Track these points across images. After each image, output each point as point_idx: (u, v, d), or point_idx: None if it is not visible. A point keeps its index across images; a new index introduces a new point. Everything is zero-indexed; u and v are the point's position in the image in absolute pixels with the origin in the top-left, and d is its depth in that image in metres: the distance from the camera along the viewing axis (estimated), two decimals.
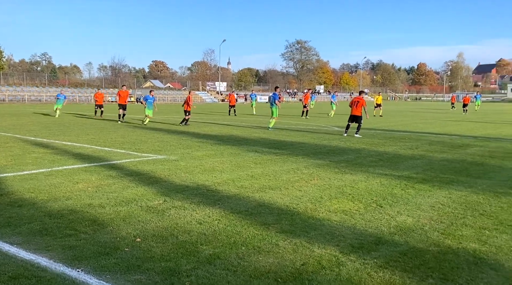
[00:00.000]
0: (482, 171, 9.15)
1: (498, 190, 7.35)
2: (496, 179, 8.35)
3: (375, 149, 12.76)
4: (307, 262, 4.15)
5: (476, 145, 13.74)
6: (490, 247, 4.61)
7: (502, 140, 15.29)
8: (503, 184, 7.84)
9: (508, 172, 9.11)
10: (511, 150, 12.65)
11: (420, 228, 5.27)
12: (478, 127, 21.24)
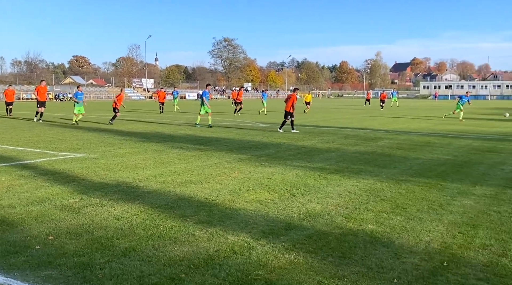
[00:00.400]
0: (388, 161, 10.00)
1: (400, 177, 8.12)
2: (400, 168, 9.19)
3: (295, 143, 13.36)
4: (220, 249, 4.39)
5: (387, 138, 14.89)
6: (385, 228, 5.16)
7: (410, 133, 16.69)
8: (404, 172, 8.65)
9: (411, 161, 10.04)
10: (417, 142, 13.88)
11: (327, 213, 5.73)
12: (391, 122, 22.90)
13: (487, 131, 17.52)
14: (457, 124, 21.35)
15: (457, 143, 13.59)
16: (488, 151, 11.79)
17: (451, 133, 16.59)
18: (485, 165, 9.57)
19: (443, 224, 5.29)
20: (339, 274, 3.82)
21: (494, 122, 23.59)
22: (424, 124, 21.57)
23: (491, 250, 4.44)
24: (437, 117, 27.23)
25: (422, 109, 41.05)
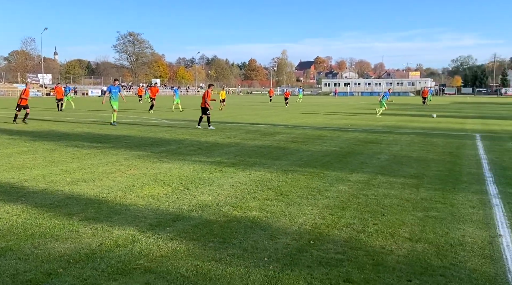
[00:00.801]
0: (282, 154, 10.65)
1: (289, 168, 8.74)
2: (290, 159, 9.85)
3: (197, 139, 13.56)
4: (104, 243, 4.46)
5: (285, 132, 15.72)
6: (267, 213, 5.60)
7: (306, 128, 17.76)
8: (294, 164, 9.31)
9: (301, 153, 10.79)
10: (311, 135, 14.86)
11: (216, 204, 6.04)
12: (291, 118, 24.07)
13: (374, 125, 19.25)
14: (349, 119, 23.12)
15: (346, 136, 14.82)
16: (370, 142, 13.05)
17: (341, 127, 17.97)
18: (365, 155, 10.62)
19: (317, 208, 5.88)
20: (216, 257, 4.13)
21: (382, 116, 25.88)
22: (320, 119, 23.04)
23: (352, 228, 5.07)
24: (333, 113, 29.16)
25: (322, 105, 43.57)
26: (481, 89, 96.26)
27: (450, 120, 22.30)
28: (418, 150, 11.38)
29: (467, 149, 11.73)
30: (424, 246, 4.53)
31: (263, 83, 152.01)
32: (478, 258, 4.22)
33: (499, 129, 17.37)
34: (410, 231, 4.98)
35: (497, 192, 6.84)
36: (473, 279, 3.76)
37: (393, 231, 4.96)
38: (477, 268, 3.98)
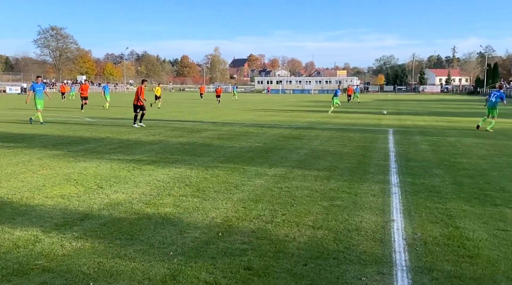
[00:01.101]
0: (205, 150, 10.72)
1: (210, 164, 8.84)
2: (213, 156, 9.96)
3: (119, 137, 13.23)
4: (2, 245, 4.28)
5: (212, 129, 15.80)
6: (180, 209, 5.66)
7: (234, 124, 17.97)
8: (216, 160, 9.43)
9: (225, 149, 10.94)
10: (237, 132, 15.07)
11: (129, 202, 5.99)
12: (221, 115, 24.19)
13: (300, 121, 19.92)
14: (278, 116, 23.70)
15: (271, 132, 15.22)
16: (293, 138, 13.53)
17: (269, 124, 18.40)
18: (286, 150, 11.00)
19: (232, 202, 6.05)
20: (121, 254, 4.14)
21: (309, 113, 26.83)
22: (250, 116, 23.38)
23: (262, 219, 5.29)
24: (264, 110, 29.70)
25: (254, 102, 44.17)
26: (401, 87, 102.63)
27: (369, 117, 23.62)
28: (335, 144, 12.00)
29: (379, 142, 12.55)
30: (324, 232, 4.85)
31: (196, 80, 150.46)
32: (370, 241, 4.60)
33: (411, 124, 18.74)
34: (314, 219, 5.30)
35: (397, 181, 7.44)
36: (362, 260, 4.11)
37: (298, 220, 5.25)
38: (367, 250, 4.34)
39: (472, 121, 20.45)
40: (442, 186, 7.11)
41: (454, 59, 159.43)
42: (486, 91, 78.98)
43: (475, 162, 9.40)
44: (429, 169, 8.52)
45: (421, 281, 3.69)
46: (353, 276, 3.76)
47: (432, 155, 10.35)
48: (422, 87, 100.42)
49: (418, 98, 62.05)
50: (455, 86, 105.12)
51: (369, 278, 3.74)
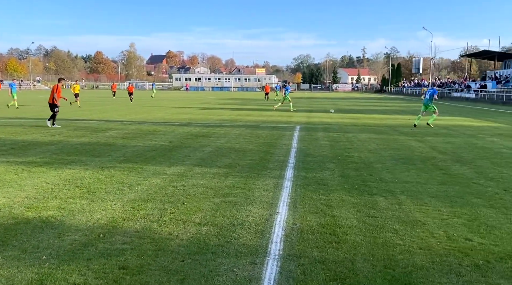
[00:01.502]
0: (106, 150, 10.38)
1: (107, 165, 8.60)
2: (113, 156, 9.69)
3: (13, 138, 12.35)
4: None
5: (118, 128, 15.31)
6: (64, 212, 5.47)
7: (143, 123, 17.57)
8: (115, 160, 9.19)
9: (127, 149, 10.69)
10: (145, 130, 14.77)
11: (9, 206, 5.65)
12: (131, 113, 23.49)
13: (212, 119, 20.00)
14: (192, 114, 23.57)
15: (180, 130, 15.13)
16: (202, 136, 13.58)
17: (180, 122, 18.26)
18: (191, 148, 11.03)
19: (122, 202, 5.96)
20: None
21: (223, 111, 27.02)
22: (162, 114, 23.00)
23: (149, 219, 5.29)
24: (179, 107, 29.35)
25: (171, 100, 43.45)
26: (317, 85, 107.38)
27: (281, 114, 24.41)
28: (242, 142, 12.27)
29: (284, 139, 13.06)
30: (209, 228, 4.98)
31: (111, 77, 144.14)
32: (251, 234, 4.82)
33: (318, 121, 19.70)
34: (202, 216, 5.41)
35: (292, 176, 7.83)
36: (239, 252, 4.30)
37: (186, 218, 5.33)
38: (246, 243, 4.55)
39: (372, 118, 22.03)
40: (330, 179, 7.62)
41: (364, 59, 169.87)
42: (391, 89, 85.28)
43: (365, 155, 10.18)
44: (323, 163, 9.07)
45: (288, 268, 3.96)
46: (227, 268, 3.93)
47: (329, 150, 11.01)
48: (335, 86, 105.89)
49: (330, 96, 65.23)
50: (365, 85, 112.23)
51: (241, 269, 3.93)
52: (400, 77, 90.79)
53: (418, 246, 4.56)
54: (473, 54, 56.73)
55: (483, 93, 43.43)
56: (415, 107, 34.22)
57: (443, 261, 4.19)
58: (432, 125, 16.59)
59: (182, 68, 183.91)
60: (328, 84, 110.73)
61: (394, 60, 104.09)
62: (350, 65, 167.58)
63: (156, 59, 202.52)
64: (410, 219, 5.44)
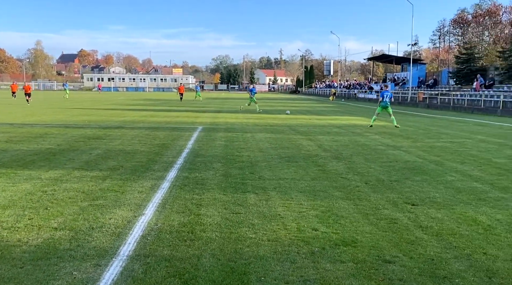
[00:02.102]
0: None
1: None
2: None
3: None
4: None
5: (4, 132, 14.26)
6: None
7: (36, 126, 16.55)
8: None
9: (6, 153, 10.01)
10: (35, 133, 13.91)
11: None
12: (26, 115, 22.00)
13: (114, 120, 19.38)
14: (93, 115, 22.64)
15: (74, 132, 14.49)
16: (95, 138, 13.13)
17: (76, 124, 17.47)
18: (79, 151, 10.63)
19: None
20: None
21: (129, 112, 26.29)
22: (61, 116, 21.81)
23: (1, 226, 5.06)
24: (83, 108, 28.01)
25: (77, 101, 41.31)
26: (234, 86, 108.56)
27: (189, 115, 24.36)
28: (136, 144, 12.07)
29: (181, 140, 13.07)
30: (65, 233, 4.89)
31: (16, 76, 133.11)
32: (107, 237, 4.81)
33: (223, 122, 19.97)
34: (62, 221, 5.28)
35: (173, 177, 7.89)
36: (86, 255, 4.28)
37: (43, 223, 5.17)
38: (98, 246, 4.54)
39: (276, 118, 22.83)
40: (211, 178, 7.80)
41: (282, 61, 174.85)
42: (305, 90, 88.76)
43: (254, 154, 10.55)
44: (210, 163, 9.25)
45: (132, 268, 4.03)
46: (67, 272, 3.90)
47: (222, 150, 11.24)
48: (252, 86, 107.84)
49: (246, 97, 66.27)
50: (281, 85, 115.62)
51: (82, 271, 3.92)
52: (313, 78, 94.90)
53: (268, 238, 4.87)
54: (375, 58, 61.16)
55: None
56: (320, 108, 36.05)
57: (284, 250, 4.53)
58: (399, 125, 17.49)
59: (96, 68, 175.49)
60: (246, 85, 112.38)
61: (308, 62, 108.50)
62: (268, 67, 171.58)
63: (67, 58, 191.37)
64: (271, 214, 5.78)
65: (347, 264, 4.23)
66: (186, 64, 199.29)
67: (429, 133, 15.89)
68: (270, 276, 3.94)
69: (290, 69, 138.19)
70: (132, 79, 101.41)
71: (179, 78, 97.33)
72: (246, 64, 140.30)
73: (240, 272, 4.00)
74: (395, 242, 4.84)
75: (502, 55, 39.08)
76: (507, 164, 9.61)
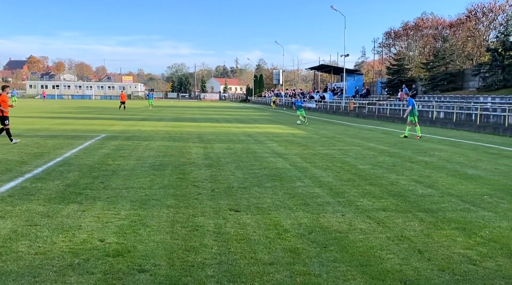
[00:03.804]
0: None
1: None
2: None
3: None
4: None
5: None
6: None
7: None
8: None
9: None
10: None
11: None
12: None
13: (15, 128, 18.49)
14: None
15: None
16: None
17: None
18: None
19: None
20: None
21: (42, 120, 25.26)
22: None
23: None
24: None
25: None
26: (185, 94, 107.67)
27: (106, 123, 23.65)
28: (11, 152, 11.43)
29: (65, 148, 12.44)
30: None
31: None
32: None
33: (134, 130, 19.48)
34: None
35: (11, 187, 7.43)
36: None
37: None
38: None
39: (198, 126, 22.64)
40: (47, 189, 7.36)
41: (237, 70, 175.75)
42: (254, 99, 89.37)
43: (126, 163, 10.19)
44: (67, 172, 8.81)
45: None
46: None
47: (98, 158, 10.78)
48: (203, 95, 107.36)
49: (190, 105, 65.82)
50: (232, 94, 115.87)
51: None
52: (263, 87, 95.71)
53: (58, 249, 4.58)
54: (315, 68, 62.33)
55: (322, 104, 47.93)
56: (254, 116, 36.17)
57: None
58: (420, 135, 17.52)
59: (46, 75, 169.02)
60: (198, 93, 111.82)
61: (263, 72, 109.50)
62: (224, 75, 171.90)
63: (15, 64, 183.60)
64: (75, 224, 5.48)
65: (96, 275, 4.02)
66: (141, 72, 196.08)
67: (327, 141, 16.02)
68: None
69: (243, 78, 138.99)
70: (78, 87, 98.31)
71: (128, 86, 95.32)
72: (202, 73, 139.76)
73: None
74: (172, 250, 4.69)
75: (425, 66, 40.87)
76: (367, 170, 9.80)
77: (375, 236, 5.30)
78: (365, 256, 4.64)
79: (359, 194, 7.45)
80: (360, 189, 7.79)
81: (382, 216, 6.12)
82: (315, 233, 5.37)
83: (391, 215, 6.19)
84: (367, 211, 6.39)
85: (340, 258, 4.57)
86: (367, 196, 7.27)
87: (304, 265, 4.37)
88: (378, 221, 5.88)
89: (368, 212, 6.30)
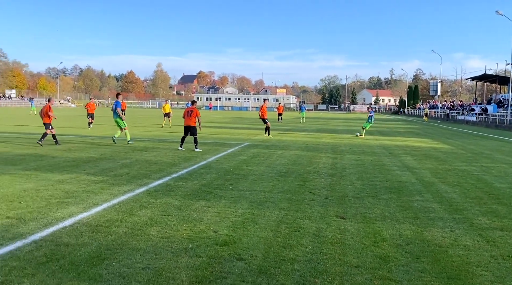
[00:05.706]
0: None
1: None
2: None
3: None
4: None
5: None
6: None
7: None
8: None
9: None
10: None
11: None
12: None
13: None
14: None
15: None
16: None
17: (142, 138, 19.69)
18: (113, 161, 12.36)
19: None
20: None
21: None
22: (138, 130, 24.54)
23: None
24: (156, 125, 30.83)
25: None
26: (334, 106, 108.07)
27: (246, 132, 25.45)
28: (165, 156, 13.46)
29: (209, 154, 14.16)
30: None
31: (139, 96, 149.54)
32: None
33: (270, 139, 20.67)
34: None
35: (158, 184, 8.97)
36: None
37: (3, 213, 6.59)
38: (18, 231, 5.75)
39: (334, 137, 22.81)
40: (185, 186, 8.69)
41: (392, 81, 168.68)
42: (406, 111, 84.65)
43: (256, 168, 11.14)
44: (206, 174, 10.13)
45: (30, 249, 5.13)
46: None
47: (237, 164, 12.03)
48: (352, 107, 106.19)
49: (335, 117, 65.77)
50: (383, 106, 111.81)
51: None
52: (418, 99, 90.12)
53: None
54: (476, 78, 55.95)
55: (483, 117, 43.10)
56: (400, 129, 34.47)
57: None
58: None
59: (212, 88, 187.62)
60: (347, 105, 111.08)
61: (420, 82, 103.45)
62: (377, 87, 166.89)
63: (187, 79, 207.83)
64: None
65: (202, 259, 4.82)
66: (296, 85, 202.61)
67: (471, 157, 14.62)
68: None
69: (397, 89, 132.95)
70: (237, 99, 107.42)
71: (281, 98, 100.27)
72: (354, 84, 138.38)
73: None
74: (271, 245, 5.24)
75: None
76: (502, 189, 8.83)
77: (478, 253, 5.03)
78: (456, 270, 4.49)
79: (481, 212, 6.94)
80: (484, 207, 7.23)
81: (496, 235, 5.69)
82: (413, 244, 5.33)
83: (507, 235, 5.70)
84: (482, 229, 5.98)
85: (428, 269, 4.52)
86: (489, 215, 6.74)
87: (388, 271, 4.46)
88: (488, 240, 5.51)
89: (482, 230, 5.91)
